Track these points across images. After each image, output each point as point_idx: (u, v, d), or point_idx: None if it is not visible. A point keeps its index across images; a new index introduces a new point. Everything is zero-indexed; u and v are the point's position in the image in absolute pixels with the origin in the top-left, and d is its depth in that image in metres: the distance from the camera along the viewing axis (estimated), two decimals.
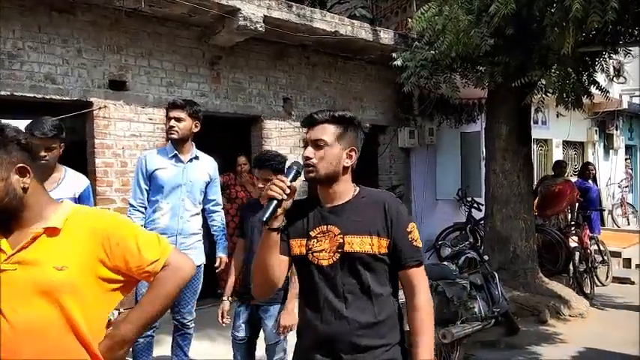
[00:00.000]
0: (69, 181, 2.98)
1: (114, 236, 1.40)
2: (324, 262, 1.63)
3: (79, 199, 3.00)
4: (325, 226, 1.66)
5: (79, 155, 4.58)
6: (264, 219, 1.53)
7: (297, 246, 1.68)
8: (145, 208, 3.24)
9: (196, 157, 3.35)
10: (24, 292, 1.30)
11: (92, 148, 4.64)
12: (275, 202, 1.52)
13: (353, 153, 1.71)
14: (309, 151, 1.66)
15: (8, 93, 4.13)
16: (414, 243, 1.66)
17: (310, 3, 7.98)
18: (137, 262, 1.41)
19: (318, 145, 1.65)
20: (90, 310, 1.37)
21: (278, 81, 6.13)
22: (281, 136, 6.14)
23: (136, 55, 4.88)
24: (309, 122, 1.70)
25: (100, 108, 4.61)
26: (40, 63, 4.31)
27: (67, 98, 4.46)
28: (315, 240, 1.65)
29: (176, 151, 3.25)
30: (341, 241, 1.62)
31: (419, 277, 1.66)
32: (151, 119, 4.94)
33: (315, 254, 1.64)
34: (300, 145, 6.33)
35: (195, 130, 3.31)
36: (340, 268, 1.62)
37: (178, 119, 3.20)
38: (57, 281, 1.31)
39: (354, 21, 6.27)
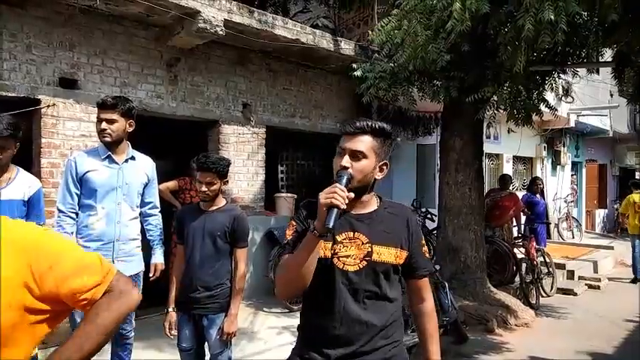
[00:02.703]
0: (20, 182, 2.85)
1: (46, 257, 1.12)
2: (351, 268, 1.66)
3: (29, 202, 2.88)
4: (352, 233, 1.68)
5: (24, 154, 4.37)
6: (331, 226, 1.49)
7: (323, 248, 1.65)
8: (77, 213, 3.01)
9: (132, 158, 3.14)
10: None
11: (38, 147, 4.43)
12: (336, 210, 1.50)
13: (385, 167, 1.73)
14: (347, 160, 1.63)
15: None
16: (426, 255, 1.80)
17: (273, 10, 7.98)
18: (72, 289, 1.13)
19: (356, 155, 1.64)
20: (10, 350, 1.07)
21: (237, 86, 6.07)
22: (239, 142, 6.07)
23: (89, 54, 4.71)
24: (350, 130, 1.67)
25: (48, 106, 4.42)
26: None
27: (13, 94, 4.25)
28: (342, 245, 1.67)
29: (109, 152, 3.04)
30: (369, 249, 1.66)
31: (427, 285, 1.81)
32: None
33: (341, 259, 1.67)
34: (257, 151, 6.30)
35: (130, 129, 3.09)
36: (365, 275, 1.66)
37: (110, 121, 2.97)
38: None
39: (315, 30, 6.30)
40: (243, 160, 6.15)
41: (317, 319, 1.70)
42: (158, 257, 3.30)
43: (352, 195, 1.55)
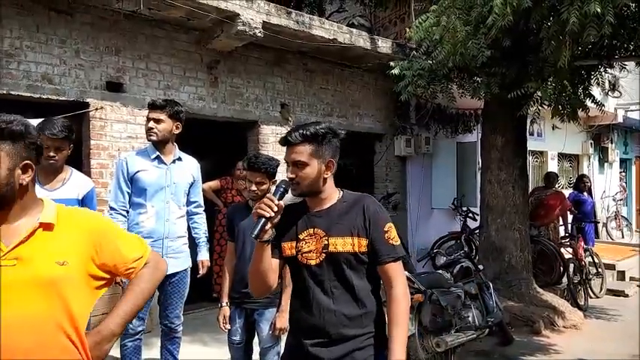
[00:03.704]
0: (74, 182, 2.98)
1: (104, 236, 1.48)
2: (312, 262, 1.79)
3: (83, 201, 3.01)
4: (312, 229, 1.81)
5: (74, 156, 4.55)
6: (255, 235, 1.67)
7: (288, 248, 1.84)
8: (127, 211, 3.14)
9: (179, 159, 3.26)
10: (23, 288, 1.31)
11: (88, 149, 4.61)
12: (264, 219, 1.67)
13: (331, 165, 1.83)
14: (291, 171, 1.79)
15: (4, 92, 4.11)
16: (391, 241, 1.80)
17: (309, 10, 8.01)
18: (124, 260, 1.51)
19: (297, 165, 1.78)
20: (81, 305, 1.42)
21: (275, 87, 6.14)
22: (278, 142, 6.12)
23: (133, 58, 4.87)
24: (285, 144, 1.81)
25: (96, 109, 4.60)
26: (38, 63, 4.30)
27: (64, 98, 4.44)
28: (304, 242, 1.81)
29: (158, 153, 3.16)
30: (326, 242, 1.78)
31: (395, 271, 1.80)
32: None
33: (303, 255, 1.80)
34: None
35: (177, 131, 3.21)
36: (326, 266, 1.77)
37: (157, 120, 3.09)
38: (59, 275, 1.35)
39: (352, 29, 6.30)
40: (282, 160, 6.20)
41: (297, 311, 1.87)
42: (204, 254, 3.39)
43: (282, 205, 1.70)
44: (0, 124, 1.34)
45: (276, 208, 1.67)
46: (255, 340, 3.02)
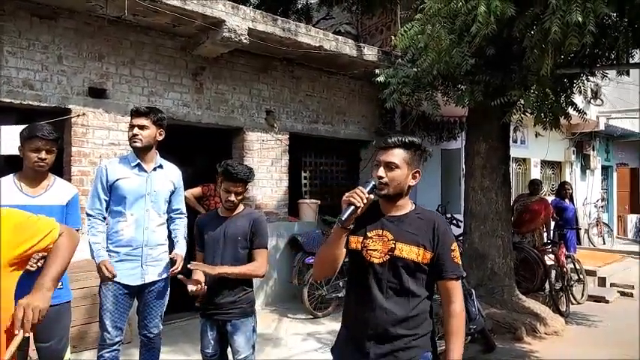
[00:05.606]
0: (57, 189, 2.94)
1: (21, 231, 1.75)
2: (376, 260, 1.90)
3: (67, 207, 2.95)
4: (381, 231, 1.92)
5: (54, 163, 4.48)
6: (343, 219, 1.78)
7: (355, 242, 1.95)
8: (104, 217, 3.10)
9: (160, 166, 3.23)
10: None
11: (69, 156, 4.56)
12: (353, 207, 1.78)
13: (417, 175, 1.98)
14: (382, 171, 1.90)
15: None
16: (456, 260, 1.92)
17: (296, 18, 8.04)
18: (41, 243, 1.78)
19: (390, 166, 1.90)
20: (7, 289, 1.71)
21: (261, 93, 6.13)
22: (263, 148, 6.12)
23: (117, 64, 4.83)
24: (385, 146, 1.94)
25: (78, 115, 4.55)
26: (19, 68, 4.25)
27: (45, 104, 4.39)
28: (371, 240, 1.92)
29: (139, 160, 3.12)
30: (392, 245, 1.89)
31: (456, 288, 1.92)
32: None
33: (369, 252, 1.92)
34: (281, 157, 6.34)
35: (160, 138, 3.20)
36: (388, 267, 1.88)
37: (142, 127, 3.07)
38: None
39: (338, 36, 6.32)
40: (267, 167, 6.20)
41: (351, 305, 2.00)
42: (179, 248, 3.25)
43: (371, 198, 1.81)
44: None
45: (365, 200, 1.78)
46: (229, 349, 2.97)
